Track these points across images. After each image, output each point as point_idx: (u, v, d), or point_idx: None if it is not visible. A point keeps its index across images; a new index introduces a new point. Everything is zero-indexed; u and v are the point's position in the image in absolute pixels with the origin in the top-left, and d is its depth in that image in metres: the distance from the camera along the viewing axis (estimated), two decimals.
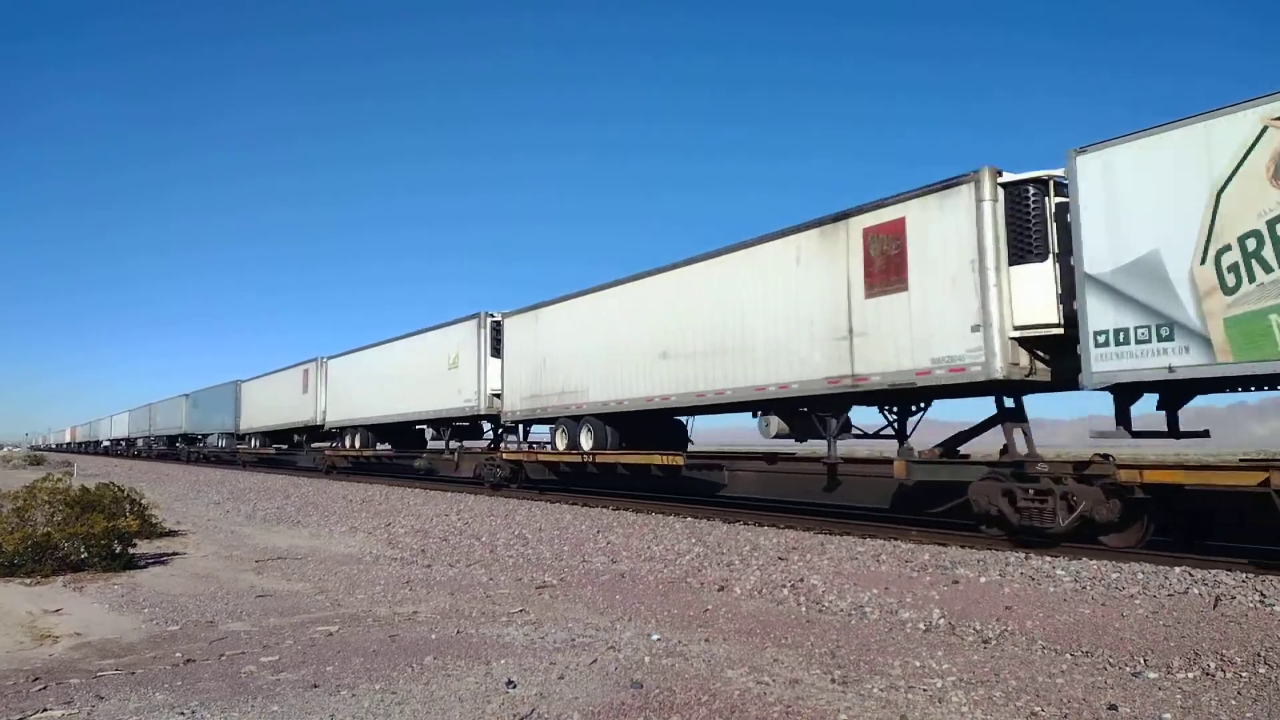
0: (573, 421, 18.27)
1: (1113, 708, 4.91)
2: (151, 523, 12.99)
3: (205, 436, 49.88)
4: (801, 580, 8.71)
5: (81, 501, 11.14)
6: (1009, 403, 11.22)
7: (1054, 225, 10.03)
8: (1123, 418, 9.64)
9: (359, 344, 35.85)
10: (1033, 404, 11.48)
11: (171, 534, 14.10)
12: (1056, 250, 9.96)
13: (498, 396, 20.87)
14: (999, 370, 10.00)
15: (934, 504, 11.72)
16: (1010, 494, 10.11)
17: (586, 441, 17.84)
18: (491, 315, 21.25)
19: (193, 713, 4.88)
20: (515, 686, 5.25)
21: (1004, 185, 10.25)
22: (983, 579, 8.34)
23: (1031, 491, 9.90)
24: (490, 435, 23.71)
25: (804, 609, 7.80)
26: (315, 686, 5.35)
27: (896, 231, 11.24)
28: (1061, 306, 9.86)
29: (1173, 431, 9.85)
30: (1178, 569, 8.22)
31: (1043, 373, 10.31)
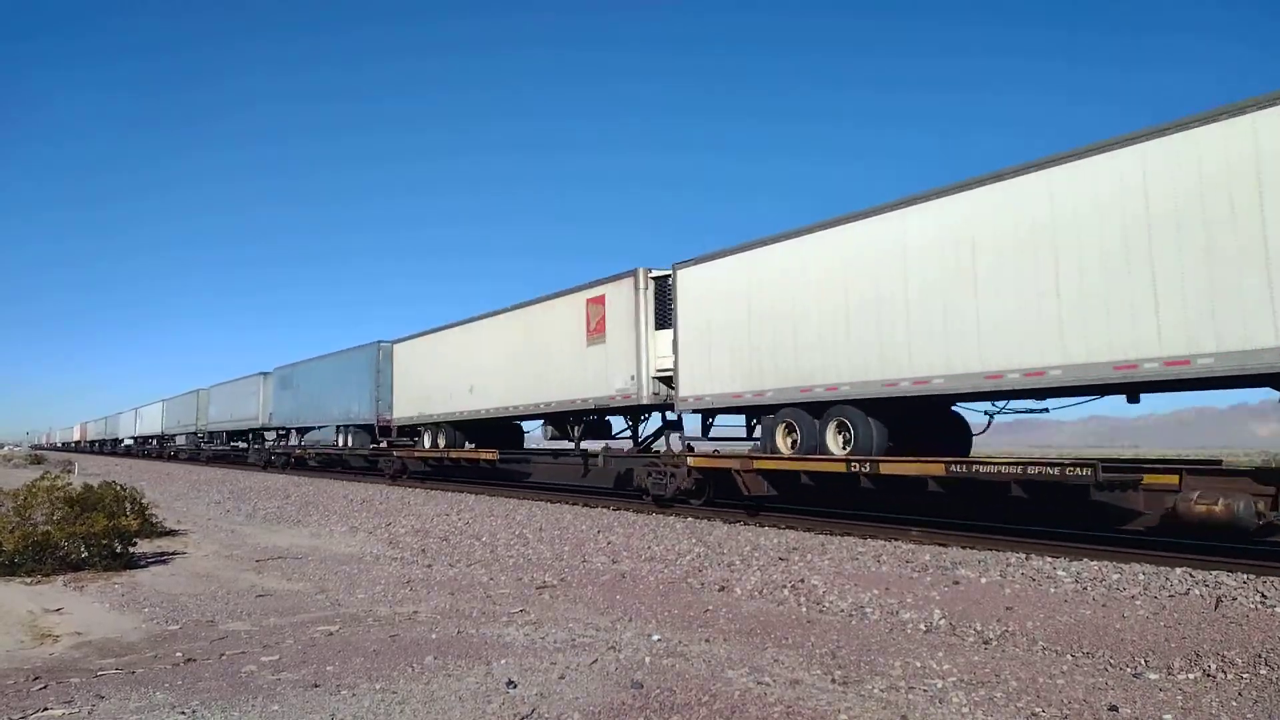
0: None
1: (1113, 709, 4.91)
2: (152, 522, 12.98)
3: (303, 431, 34.20)
4: (802, 581, 8.70)
5: (82, 500, 11.14)
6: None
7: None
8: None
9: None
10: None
11: (172, 533, 14.11)
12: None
13: None
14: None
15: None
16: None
17: None
18: None
19: (193, 712, 4.88)
20: (516, 686, 5.25)
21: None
22: (983, 580, 8.34)
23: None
24: None
25: (805, 609, 7.79)
26: (316, 686, 5.35)
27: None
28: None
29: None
30: (1179, 570, 8.22)
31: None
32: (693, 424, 16.19)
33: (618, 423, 18.86)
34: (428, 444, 24.59)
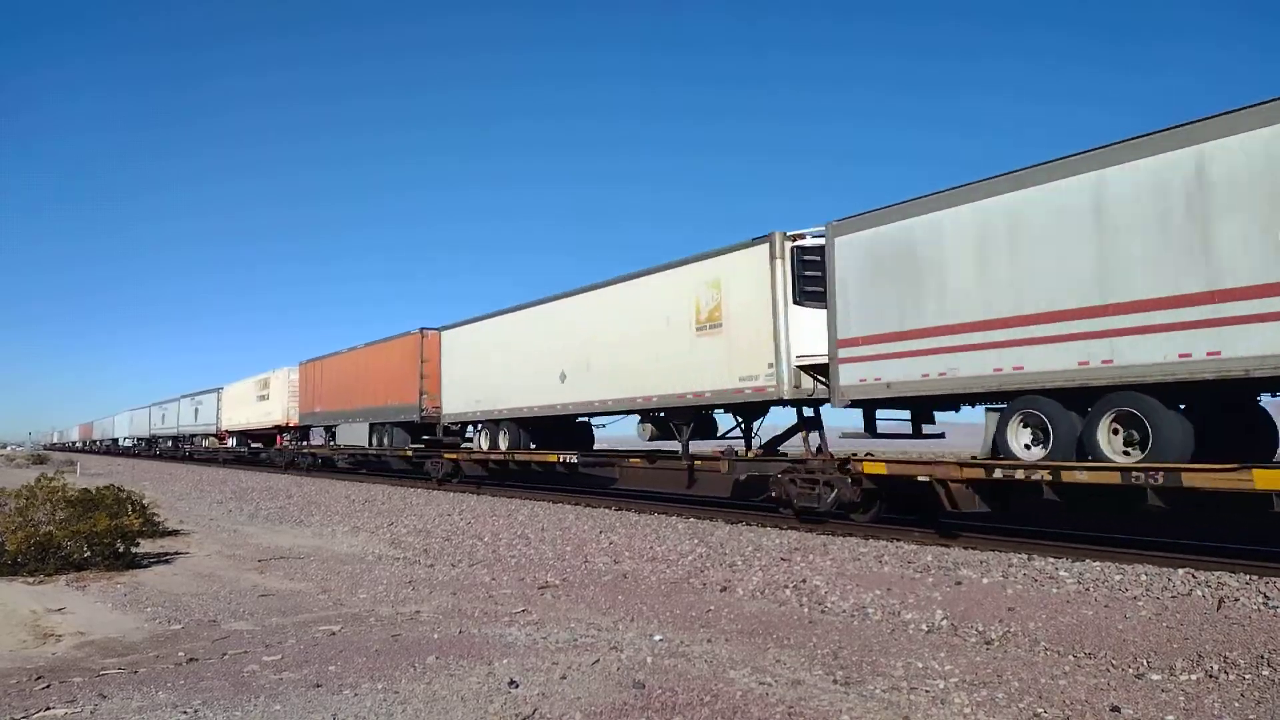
0: None
1: (1115, 709, 4.90)
2: (154, 522, 13.00)
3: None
4: (804, 581, 8.70)
5: (84, 501, 11.16)
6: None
7: None
8: None
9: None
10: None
11: (174, 533, 14.12)
12: None
13: None
14: None
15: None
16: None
17: None
18: None
19: (195, 712, 4.88)
20: (518, 686, 5.25)
21: None
22: (985, 580, 8.33)
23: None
24: None
25: (807, 610, 7.79)
26: (318, 686, 5.35)
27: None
28: None
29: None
30: (1181, 570, 8.21)
31: None
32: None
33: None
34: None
